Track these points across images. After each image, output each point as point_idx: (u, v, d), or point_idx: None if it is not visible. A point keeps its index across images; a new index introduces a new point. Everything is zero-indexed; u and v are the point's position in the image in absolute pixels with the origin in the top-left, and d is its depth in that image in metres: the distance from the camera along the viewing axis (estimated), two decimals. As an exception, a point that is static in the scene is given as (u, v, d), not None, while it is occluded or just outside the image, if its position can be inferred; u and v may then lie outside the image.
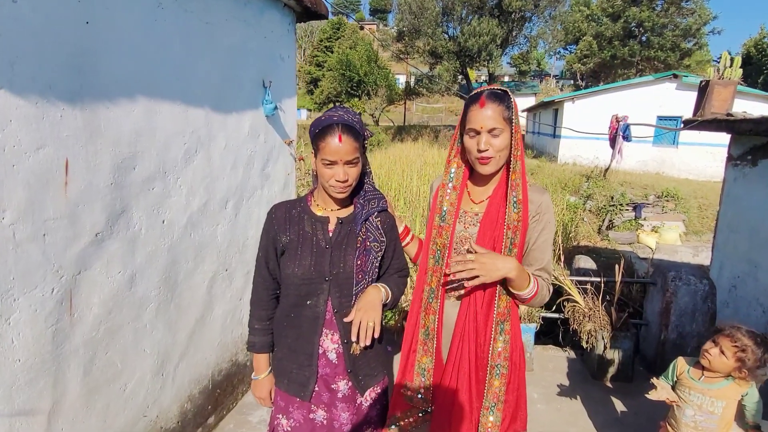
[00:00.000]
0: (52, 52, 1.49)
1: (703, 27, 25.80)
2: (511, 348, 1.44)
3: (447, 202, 1.49)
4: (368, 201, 1.48)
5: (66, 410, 1.66)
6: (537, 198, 1.43)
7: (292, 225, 1.45)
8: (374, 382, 1.50)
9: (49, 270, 1.54)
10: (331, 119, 1.35)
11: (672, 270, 3.44)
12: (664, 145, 16.42)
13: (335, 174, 1.34)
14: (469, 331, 1.42)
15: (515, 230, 1.39)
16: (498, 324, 1.42)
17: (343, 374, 1.44)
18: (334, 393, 1.45)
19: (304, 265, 1.40)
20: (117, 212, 1.82)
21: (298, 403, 1.46)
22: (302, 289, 1.41)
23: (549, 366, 3.59)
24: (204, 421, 2.55)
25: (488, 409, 1.43)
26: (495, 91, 1.37)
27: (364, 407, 1.49)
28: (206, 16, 2.27)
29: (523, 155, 1.43)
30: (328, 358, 1.44)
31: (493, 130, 1.34)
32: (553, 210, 1.48)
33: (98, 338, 1.78)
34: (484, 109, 1.34)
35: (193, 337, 2.40)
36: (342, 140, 1.31)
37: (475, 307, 1.42)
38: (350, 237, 1.44)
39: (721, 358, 1.81)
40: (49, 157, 1.51)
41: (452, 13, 23.28)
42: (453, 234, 1.47)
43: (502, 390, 1.43)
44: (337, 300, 1.41)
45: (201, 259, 2.42)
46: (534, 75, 43.38)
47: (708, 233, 10.10)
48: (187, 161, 2.24)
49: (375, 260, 1.44)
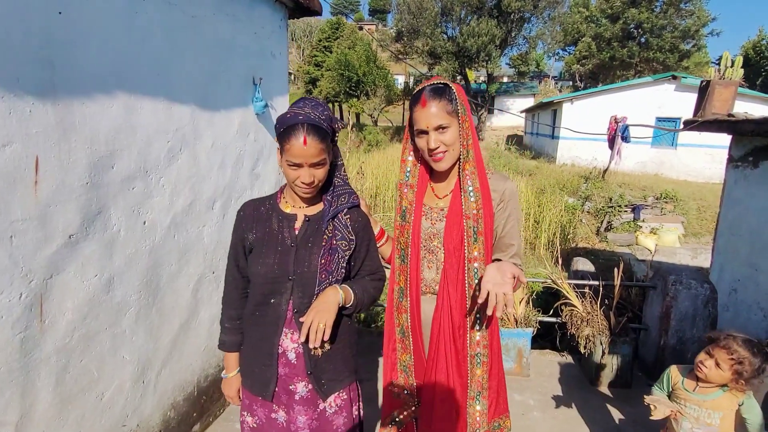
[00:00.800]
0: (20, 42, 1.41)
1: (702, 29, 25.76)
2: (489, 335, 1.47)
3: (406, 200, 1.51)
4: (337, 197, 1.42)
5: (36, 421, 1.58)
6: (500, 186, 1.45)
7: (259, 223, 1.42)
8: (340, 387, 1.43)
9: (16, 274, 1.45)
10: (296, 118, 1.26)
11: (672, 274, 3.37)
12: (662, 146, 16.40)
13: (300, 176, 1.29)
14: (445, 326, 1.43)
15: (476, 219, 1.40)
16: (474, 314, 1.44)
17: (302, 375, 1.39)
18: (292, 394, 1.40)
19: (267, 264, 1.36)
20: (93, 213, 1.73)
21: (261, 402, 1.44)
22: (266, 287, 1.37)
23: (546, 371, 3.51)
24: (188, 429, 2.46)
25: (474, 398, 1.46)
26: (435, 87, 1.37)
27: (328, 414, 1.42)
28: (191, 10, 2.18)
29: (476, 143, 1.43)
30: (288, 358, 1.38)
31: (439, 127, 1.36)
32: (517, 198, 1.50)
33: (72, 345, 1.69)
34: (427, 107, 1.35)
35: (176, 343, 2.31)
36: (307, 143, 1.24)
37: (449, 302, 1.43)
38: (317, 235, 1.39)
39: (717, 370, 1.74)
40: (16, 154, 1.43)
41: (451, 13, 23.19)
42: (416, 231, 1.47)
43: (485, 378, 1.46)
44: (299, 299, 1.36)
45: (186, 262, 2.33)
46: (533, 76, 43.32)
47: (707, 235, 10.05)
48: (171, 160, 2.16)
49: (342, 260, 1.37)
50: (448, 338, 1.43)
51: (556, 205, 9.73)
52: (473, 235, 1.40)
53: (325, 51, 33.65)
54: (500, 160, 15.83)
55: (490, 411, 1.48)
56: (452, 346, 1.44)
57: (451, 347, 1.44)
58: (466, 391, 1.46)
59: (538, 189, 11.11)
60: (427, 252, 1.49)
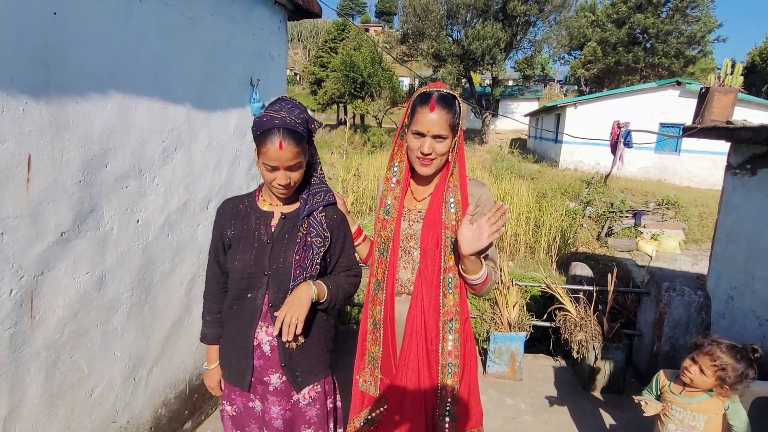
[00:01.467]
0: (14, 42, 1.43)
1: (708, 35, 25.69)
2: (461, 347, 1.45)
3: (391, 195, 1.52)
4: (313, 195, 1.47)
5: (25, 416, 1.60)
6: (476, 191, 1.47)
7: (237, 220, 1.47)
8: (314, 380, 1.48)
9: (6, 270, 1.48)
10: (272, 122, 1.29)
11: (666, 280, 3.36)
12: (666, 152, 16.35)
13: (276, 178, 1.34)
14: (418, 327, 1.43)
15: (454, 230, 1.40)
16: (446, 323, 1.43)
17: (276, 367, 1.43)
18: (266, 386, 1.45)
19: (244, 259, 1.41)
20: (86, 211, 1.75)
21: (239, 392, 1.49)
22: (243, 282, 1.42)
23: (538, 376, 3.51)
24: (180, 426, 2.48)
25: (444, 408, 1.44)
26: (445, 96, 1.38)
27: (301, 405, 1.47)
28: (188, 11, 2.21)
29: (463, 157, 1.47)
30: (263, 350, 1.43)
31: (438, 136, 1.37)
32: (493, 201, 1.50)
33: (62, 341, 1.71)
34: (433, 113, 1.36)
35: (169, 341, 2.33)
36: (283, 147, 1.28)
37: (422, 303, 1.43)
38: (292, 232, 1.43)
39: (701, 376, 1.75)
40: (9, 152, 1.45)
41: (457, 16, 23.18)
42: (398, 228, 1.49)
43: (455, 389, 1.44)
44: (274, 294, 1.41)
45: (179, 260, 2.35)
46: (538, 80, 43.27)
47: (707, 242, 10.01)
48: (166, 159, 2.18)
49: (316, 256, 1.42)
50: (421, 341, 1.43)
51: (557, 210, 9.72)
52: (450, 245, 1.42)
53: (330, 52, 33.71)
54: (503, 164, 15.81)
55: (460, 422, 1.46)
56: (425, 350, 1.43)
57: (423, 351, 1.43)
58: (436, 400, 1.44)
59: (539, 193, 11.10)
60: (404, 252, 1.50)
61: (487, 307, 3.68)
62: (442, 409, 1.43)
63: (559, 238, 9.06)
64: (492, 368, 3.45)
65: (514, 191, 10.05)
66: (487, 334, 3.50)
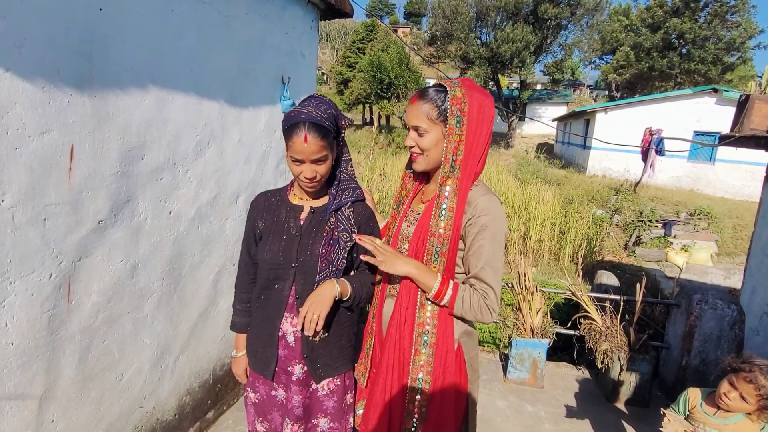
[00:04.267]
0: (62, 36, 1.49)
1: (748, 41, 24.79)
2: (435, 364, 1.32)
3: (405, 190, 1.53)
4: (342, 191, 1.51)
5: (59, 396, 1.66)
6: (475, 199, 1.30)
7: (269, 212, 1.53)
8: (334, 373, 1.52)
9: (47, 255, 1.54)
10: (299, 117, 1.34)
11: (698, 292, 3.26)
12: (700, 161, 15.85)
13: (303, 171, 1.39)
14: (394, 334, 1.35)
15: (441, 239, 1.30)
16: (420, 335, 1.33)
17: (299, 358, 1.48)
18: (290, 375, 1.49)
19: (273, 251, 1.46)
20: (122, 201, 1.81)
21: (262, 380, 1.54)
22: (271, 273, 1.47)
23: (560, 384, 3.45)
24: (203, 415, 2.53)
25: (411, 423, 1.34)
26: (426, 88, 1.33)
27: (320, 395, 1.51)
28: (225, 9, 2.25)
29: (470, 164, 1.30)
30: (287, 341, 1.48)
31: (417, 128, 1.33)
32: (501, 220, 1.31)
33: (96, 326, 1.77)
34: (413, 106, 1.33)
35: (195, 331, 2.39)
36: (308, 140, 1.33)
37: (400, 311, 1.35)
38: (320, 226, 1.48)
39: (741, 402, 1.68)
40: (53, 142, 1.51)
41: (486, 18, 22.98)
42: (398, 228, 1.47)
43: (423, 405, 1.32)
44: (301, 286, 1.45)
45: (207, 253, 2.40)
46: (567, 84, 42.54)
47: (742, 255, 9.65)
48: (199, 153, 2.23)
49: (343, 251, 1.45)
50: (395, 348, 1.35)
51: (584, 217, 9.53)
52: (434, 254, 1.32)
53: (358, 52, 33.86)
54: (528, 168, 15.60)
55: None
56: (398, 359, 1.35)
57: (395, 359, 1.35)
58: (404, 411, 1.35)
59: (565, 199, 10.90)
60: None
61: (510, 313, 3.64)
62: (408, 423, 1.34)
63: (584, 246, 8.88)
64: (513, 374, 3.41)
65: (540, 196, 9.89)
66: (509, 340, 3.46)
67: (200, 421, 2.51)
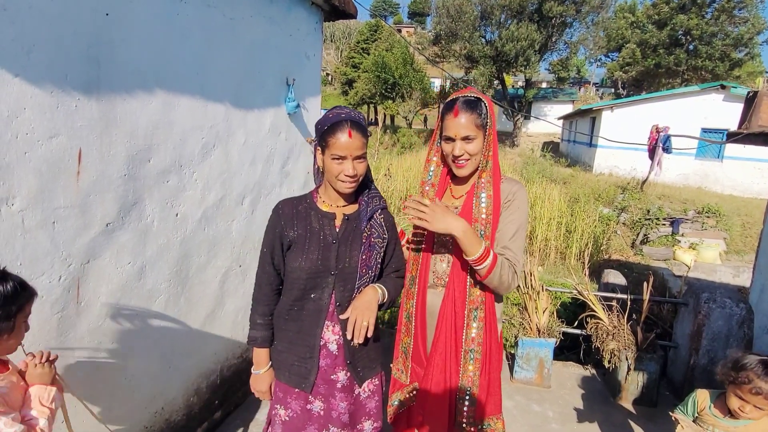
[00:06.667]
0: (70, 41, 1.51)
1: (756, 36, 24.53)
2: (484, 335, 1.51)
3: (426, 197, 1.55)
4: (371, 198, 1.55)
5: (69, 397, 1.67)
6: (508, 188, 1.54)
7: (299, 220, 1.50)
8: (372, 374, 1.59)
9: (57, 257, 1.56)
10: (339, 116, 1.41)
11: (706, 291, 3.24)
12: (707, 158, 15.71)
13: (344, 169, 1.40)
14: (449, 316, 1.51)
15: (485, 223, 1.49)
16: (471, 311, 1.50)
17: (342, 365, 1.51)
18: (333, 383, 1.51)
19: (311, 259, 1.45)
20: (129, 203, 1.83)
21: (296, 394, 1.51)
22: (308, 282, 1.46)
23: (567, 384, 3.44)
24: (210, 415, 2.55)
25: (463, 393, 1.51)
26: (468, 99, 1.48)
27: (362, 398, 1.56)
28: (230, 12, 2.27)
29: (496, 155, 1.54)
30: (329, 350, 1.50)
31: (466, 138, 1.46)
32: (527, 202, 1.57)
33: (105, 327, 1.79)
34: (458, 118, 1.46)
35: (202, 332, 2.40)
36: (352, 136, 1.39)
37: (454, 294, 1.51)
38: (356, 233, 1.51)
39: (758, 411, 1.67)
40: (62, 146, 1.53)
41: (490, 17, 22.87)
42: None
43: (476, 374, 1.51)
44: (341, 293, 1.48)
45: (214, 254, 2.42)
46: (572, 82, 42.32)
47: (750, 253, 9.57)
48: (204, 156, 2.25)
49: (378, 256, 1.51)
50: (451, 329, 1.51)
51: (590, 215, 9.48)
52: (481, 236, 1.48)
53: (362, 53, 33.89)
54: (534, 167, 15.53)
55: (479, 409, 1.51)
56: (453, 338, 1.51)
57: (451, 339, 1.51)
58: (457, 385, 1.52)
59: (571, 197, 10.85)
60: (440, 246, 1.58)
61: (516, 312, 3.63)
62: (462, 393, 1.51)
63: (591, 245, 8.83)
64: (519, 374, 3.40)
65: (546, 195, 9.85)
66: (516, 339, 3.45)
67: (208, 421, 2.53)
